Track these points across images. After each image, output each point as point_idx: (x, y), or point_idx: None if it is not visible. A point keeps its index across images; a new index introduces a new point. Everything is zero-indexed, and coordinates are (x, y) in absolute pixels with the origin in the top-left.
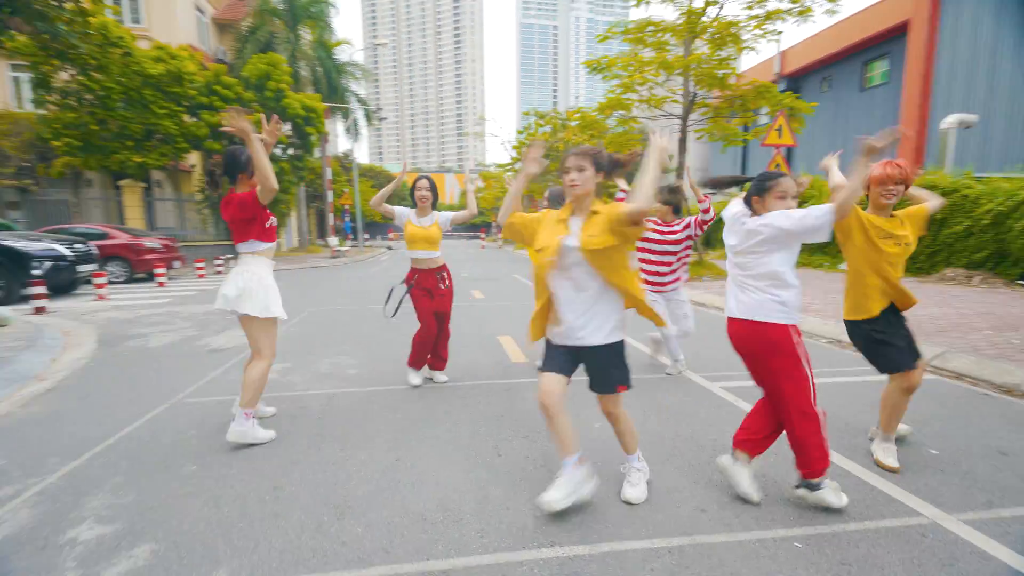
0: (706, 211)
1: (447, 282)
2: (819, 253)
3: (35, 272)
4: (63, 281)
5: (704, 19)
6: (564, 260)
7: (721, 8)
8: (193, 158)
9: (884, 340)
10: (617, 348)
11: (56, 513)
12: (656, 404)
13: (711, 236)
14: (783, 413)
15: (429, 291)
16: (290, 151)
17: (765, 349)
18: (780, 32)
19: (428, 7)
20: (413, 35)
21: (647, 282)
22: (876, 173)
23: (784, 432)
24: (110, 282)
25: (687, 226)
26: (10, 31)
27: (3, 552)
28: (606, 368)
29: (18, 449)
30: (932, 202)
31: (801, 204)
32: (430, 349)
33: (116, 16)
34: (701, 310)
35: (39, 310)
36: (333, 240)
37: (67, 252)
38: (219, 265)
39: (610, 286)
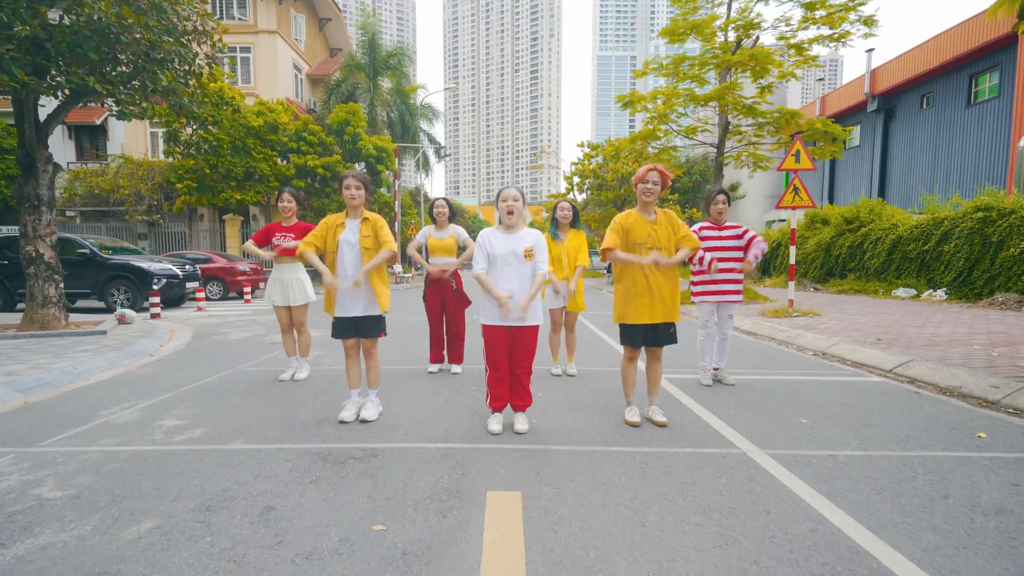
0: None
1: (458, 285)
2: (875, 279)
3: (155, 286)
4: (175, 295)
5: (735, 53)
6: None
7: (756, 41)
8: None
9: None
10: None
11: (153, 415)
12: (598, 385)
13: (768, 263)
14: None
15: (443, 293)
16: None
17: None
18: (817, 57)
19: (507, 49)
20: (492, 75)
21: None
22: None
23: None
24: (207, 298)
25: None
26: (148, 104)
27: (123, 428)
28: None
29: (134, 387)
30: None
31: (858, 229)
32: (440, 344)
33: (231, 80)
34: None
35: (154, 316)
36: (398, 267)
37: (178, 271)
38: None
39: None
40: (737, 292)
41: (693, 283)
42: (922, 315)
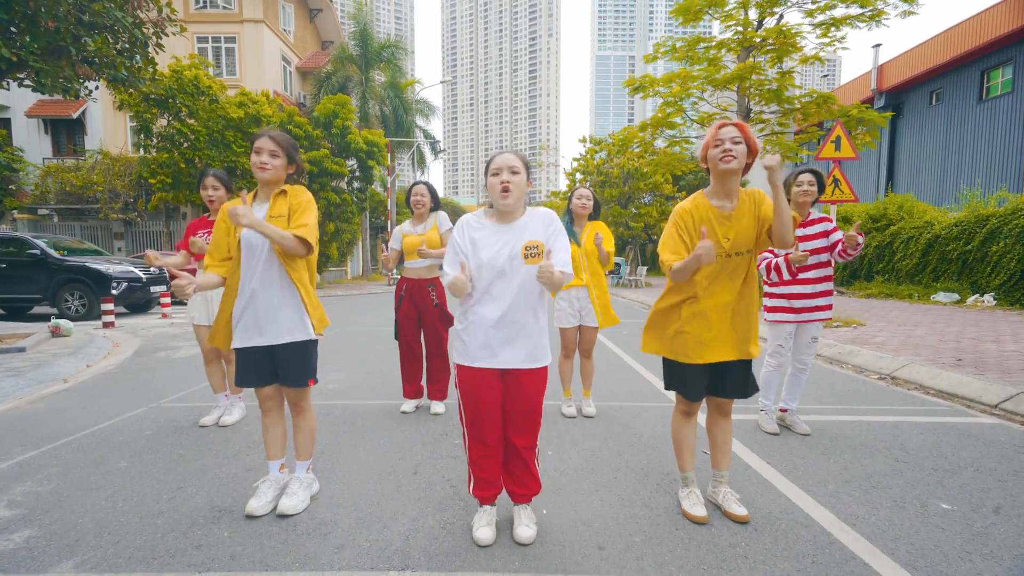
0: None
1: (438, 298)
2: (907, 282)
3: (113, 291)
4: (138, 300)
5: (759, 31)
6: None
7: (780, 19)
8: None
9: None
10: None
11: None
12: (627, 433)
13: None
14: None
15: (418, 308)
16: (354, 184)
17: None
18: (844, 37)
19: (506, 49)
20: (490, 75)
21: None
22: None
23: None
24: (182, 303)
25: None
26: (82, 80)
27: None
28: (301, 361)
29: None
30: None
31: (886, 228)
32: (416, 373)
33: (216, 71)
34: None
35: (107, 324)
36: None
37: (141, 274)
38: None
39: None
40: (827, 307)
41: (768, 295)
42: (984, 325)
